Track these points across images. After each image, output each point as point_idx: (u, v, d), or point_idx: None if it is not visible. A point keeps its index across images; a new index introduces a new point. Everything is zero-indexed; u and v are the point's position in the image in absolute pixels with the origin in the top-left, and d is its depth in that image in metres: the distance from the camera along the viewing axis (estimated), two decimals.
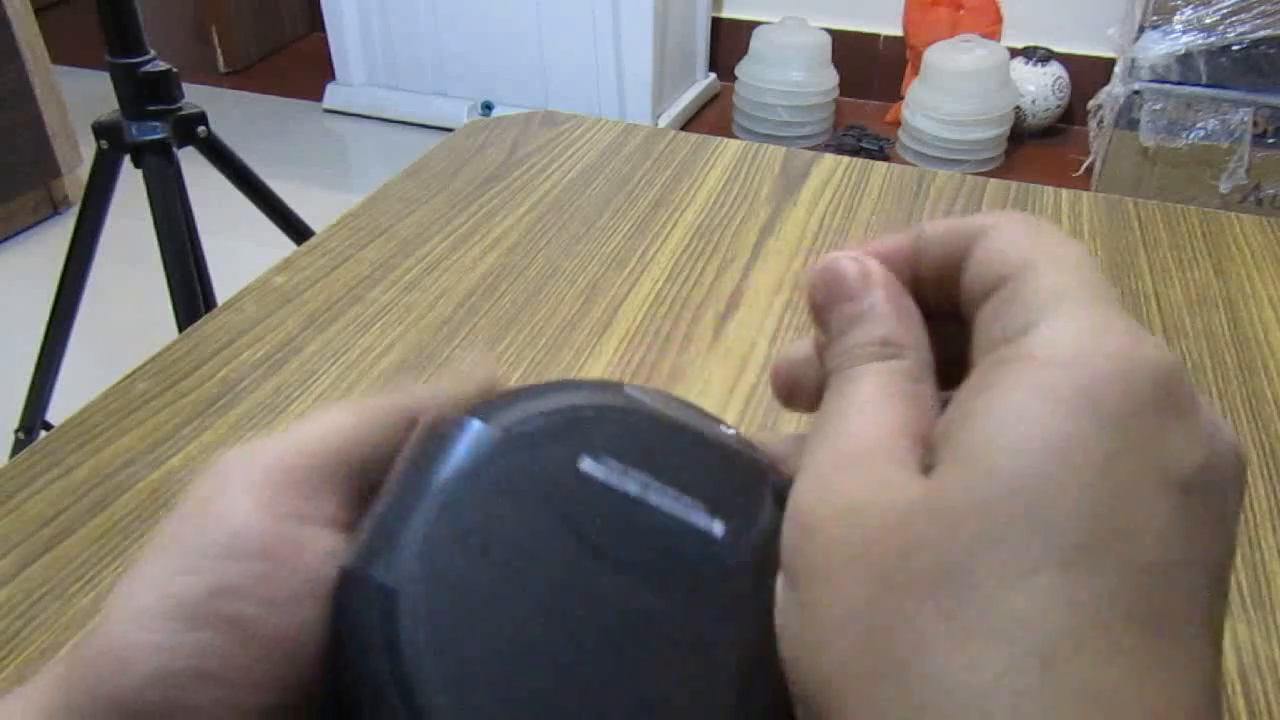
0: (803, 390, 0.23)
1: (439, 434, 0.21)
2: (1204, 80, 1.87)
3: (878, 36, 2.52)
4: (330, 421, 0.22)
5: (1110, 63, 2.21)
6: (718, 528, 0.20)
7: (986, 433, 0.16)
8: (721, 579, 0.20)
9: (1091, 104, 2.13)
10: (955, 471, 0.16)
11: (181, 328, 1.05)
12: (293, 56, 2.90)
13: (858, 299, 0.21)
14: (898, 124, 2.35)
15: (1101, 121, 2.09)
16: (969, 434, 0.16)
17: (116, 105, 1.10)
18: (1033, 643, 0.14)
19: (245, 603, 0.19)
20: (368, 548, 0.20)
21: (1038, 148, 2.38)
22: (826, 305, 0.21)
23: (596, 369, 0.52)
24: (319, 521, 0.21)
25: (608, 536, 0.20)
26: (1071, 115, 2.41)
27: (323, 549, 0.20)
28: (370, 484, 0.22)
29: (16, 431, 1.23)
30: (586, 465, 0.20)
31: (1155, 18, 1.86)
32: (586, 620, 0.19)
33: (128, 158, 1.11)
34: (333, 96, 2.56)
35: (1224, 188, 1.94)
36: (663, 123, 2.36)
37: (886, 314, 0.20)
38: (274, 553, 0.20)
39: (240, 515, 0.20)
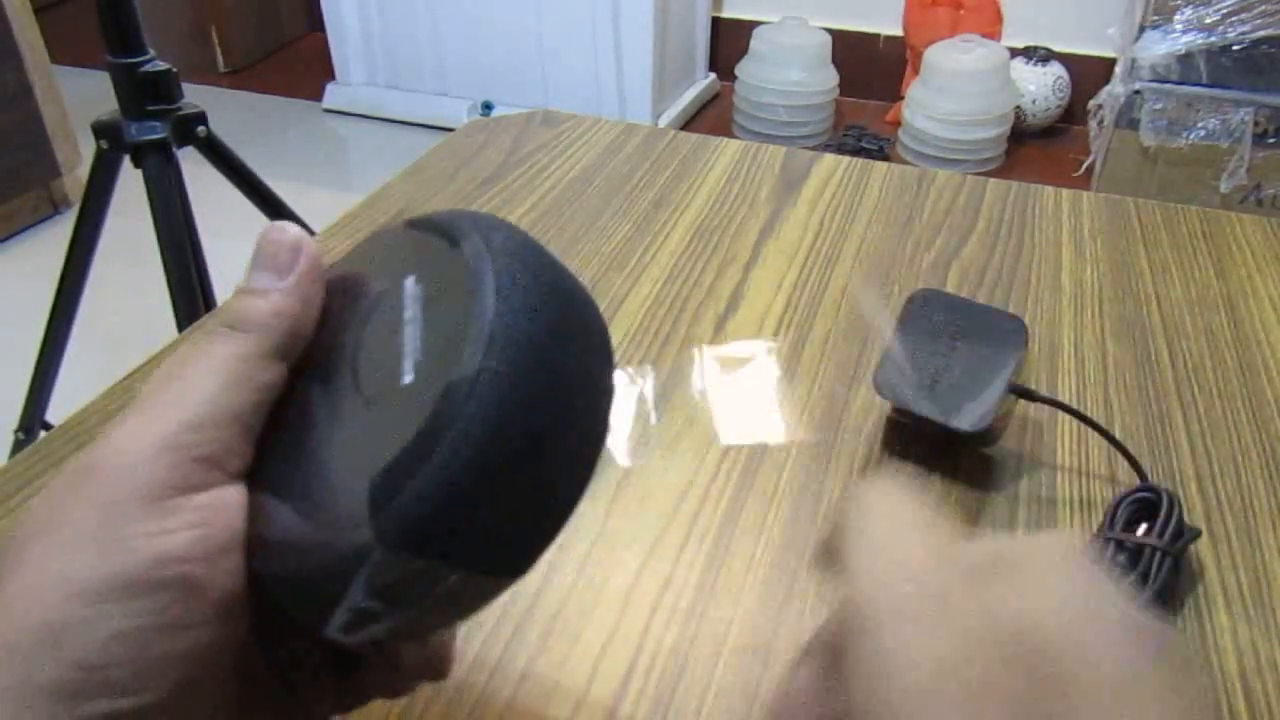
0: None
1: None
2: (1204, 80, 1.87)
3: (878, 36, 2.52)
4: (201, 389, 0.23)
5: (1110, 62, 2.21)
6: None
7: None
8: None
9: (1092, 104, 2.13)
10: None
11: (181, 327, 1.05)
12: (293, 56, 2.90)
13: None
14: (898, 124, 2.35)
15: (1102, 121, 2.09)
16: None
17: (116, 105, 1.10)
18: None
19: (184, 565, 0.21)
20: None
21: (1038, 148, 2.38)
22: None
23: None
24: (224, 483, 0.23)
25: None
26: (1072, 115, 2.41)
27: (235, 501, 0.23)
28: (256, 421, 0.24)
29: (16, 432, 1.23)
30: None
31: (1155, 17, 1.86)
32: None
33: (128, 157, 1.11)
34: (333, 96, 2.56)
35: (1224, 187, 1.94)
36: (663, 123, 2.35)
37: None
38: (200, 520, 0.22)
39: (157, 498, 0.21)
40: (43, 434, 0.92)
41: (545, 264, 0.23)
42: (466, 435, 0.20)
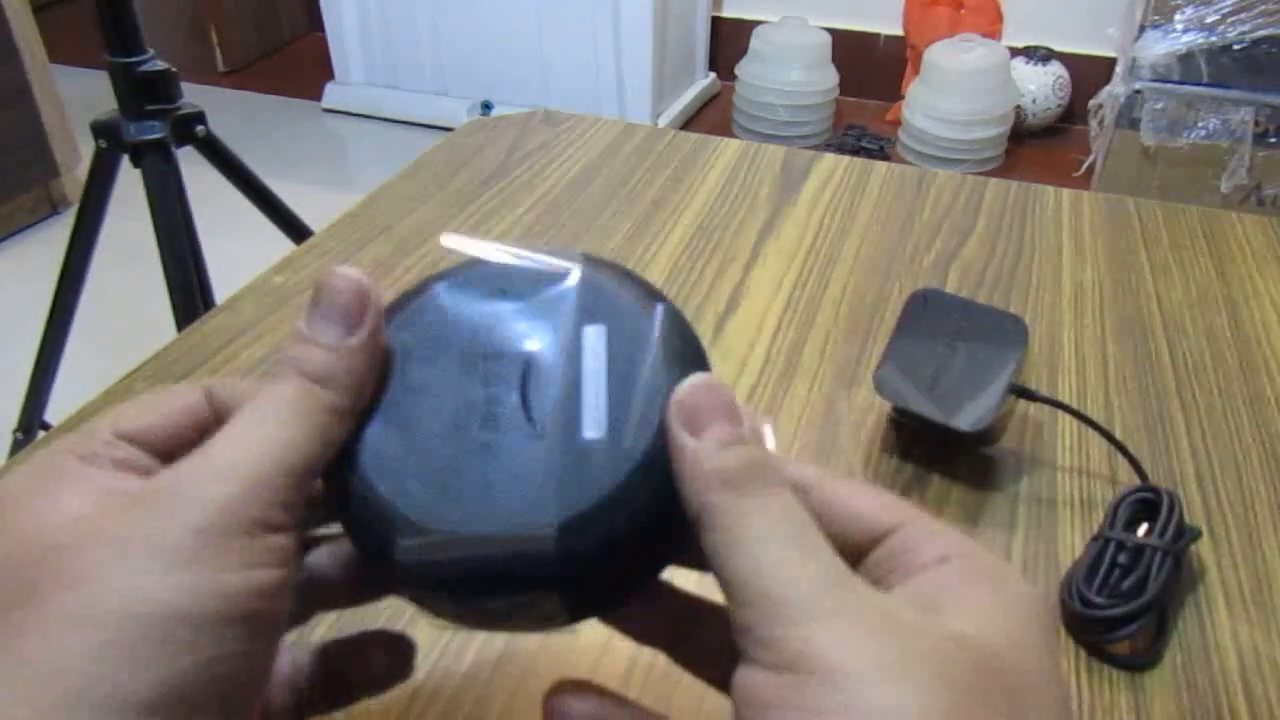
0: None
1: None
2: (1205, 80, 1.87)
3: (878, 36, 2.52)
4: (284, 434, 0.22)
5: (1111, 62, 2.21)
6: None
7: (985, 619, 0.21)
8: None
9: (1092, 103, 2.13)
10: (985, 632, 0.21)
11: (180, 328, 1.05)
12: (292, 56, 2.90)
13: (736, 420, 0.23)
14: (898, 124, 2.35)
15: (1102, 121, 2.09)
16: (971, 616, 0.21)
17: (115, 104, 1.10)
18: None
19: (262, 600, 0.21)
20: None
21: (1038, 147, 2.38)
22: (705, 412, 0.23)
23: None
24: (293, 523, 0.22)
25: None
26: (1072, 115, 2.41)
27: (293, 548, 0.22)
28: (308, 483, 0.23)
29: (15, 432, 1.23)
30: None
31: (1156, 17, 1.85)
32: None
33: (126, 157, 1.11)
34: (332, 96, 2.56)
35: (1225, 187, 1.94)
36: (663, 122, 2.35)
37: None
38: (276, 560, 0.22)
39: (246, 526, 0.21)
40: (41, 434, 0.92)
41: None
42: (647, 508, 0.23)
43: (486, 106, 2.41)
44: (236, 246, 1.39)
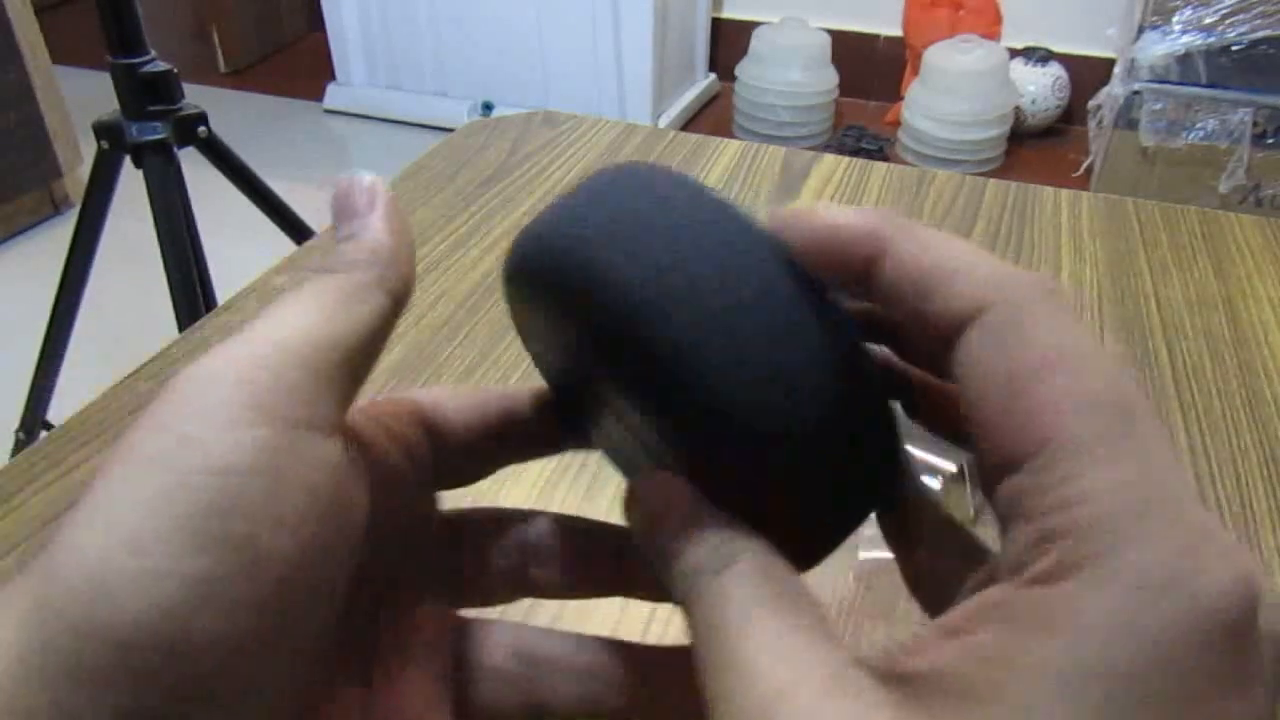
0: None
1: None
2: (1203, 80, 1.87)
3: (878, 36, 2.53)
4: (303, 313, 0.20)
5: (1110, 63, 2.21)
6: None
7: (1104, 637, 0.14)
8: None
9: (1091, 104, 2.13)
10: (1107, 656, 0.14)
11: (182, 328, 1.05)
12: (293, 56, 2.90)
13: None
14: (898, 124, 2.35)
15: (1101, 122, 2.10)
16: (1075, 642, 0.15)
17: (117, 105, 1.10)
18: None
19: (249, 523, 0.17)
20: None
21: (1037, 148, 2.38)
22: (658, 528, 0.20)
23: None
24: (315, 428, 0.19)
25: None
26: (1071, 115, 2.41)
27: (324, 460, 0.19)
28: (361, 356, 0.20)
29: (17, 432, 1.24)
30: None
31: (1155, 18, 1.86)
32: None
33: (128, 158, 1.11)
34: (333, 97, 2.56)
35: (1224, 188, 1.94)
36: (663, 123, 2.36)
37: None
38: (275, 467, 0.18)
39: (230, 426, 0.18)
40: (43, 434, 0.92)
41: None
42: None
43: (487, 107, 2.42)
44: (238, 247, 1.39)
